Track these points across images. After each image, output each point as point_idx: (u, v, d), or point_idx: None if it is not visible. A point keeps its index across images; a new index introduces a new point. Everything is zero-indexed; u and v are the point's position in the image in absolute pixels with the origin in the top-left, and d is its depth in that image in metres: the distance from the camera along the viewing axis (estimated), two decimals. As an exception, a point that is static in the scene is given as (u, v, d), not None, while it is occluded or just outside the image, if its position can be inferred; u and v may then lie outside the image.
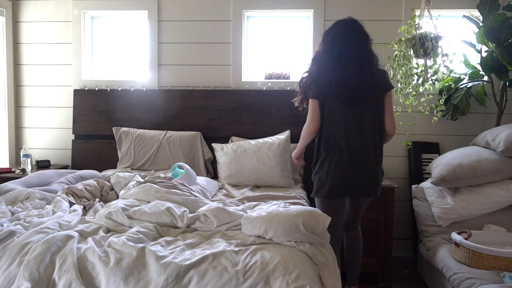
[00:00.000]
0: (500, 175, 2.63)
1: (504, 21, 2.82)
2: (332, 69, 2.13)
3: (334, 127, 2.16)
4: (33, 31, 3.61)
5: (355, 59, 2.12)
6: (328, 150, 2.17)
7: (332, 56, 2.14)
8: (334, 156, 2.15)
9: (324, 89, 2.14)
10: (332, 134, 2.16)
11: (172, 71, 3.52)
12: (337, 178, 2.15)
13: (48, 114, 3.64)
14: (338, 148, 2.15)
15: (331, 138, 2.16)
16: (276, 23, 3.53)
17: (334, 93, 2.12)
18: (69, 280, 1.56)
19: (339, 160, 2.14)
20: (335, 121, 2.16)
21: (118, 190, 2.58)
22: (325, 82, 2.13)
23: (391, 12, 3.34)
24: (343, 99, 2.12)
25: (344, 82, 2.10)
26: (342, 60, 2.12)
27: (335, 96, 2.13)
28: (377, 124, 2.19)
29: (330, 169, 2.16)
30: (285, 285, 1.49)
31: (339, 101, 2.13)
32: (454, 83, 3.15)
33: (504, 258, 2.12)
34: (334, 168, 2.15)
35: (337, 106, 2.15)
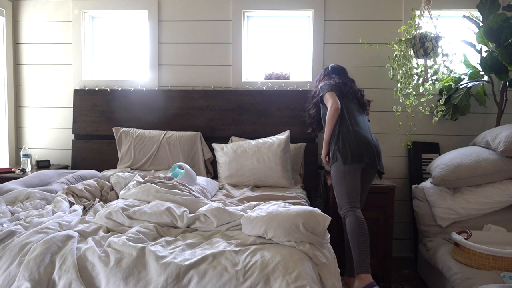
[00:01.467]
0: (500, 175, 2.63)
1: (504, 21, 2.82)
2: (338, 80, 2.78)
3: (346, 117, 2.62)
4: (33, 31, 3.61)
5: (346, 83, 2.79)
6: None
7: (332, 80, 2.80)
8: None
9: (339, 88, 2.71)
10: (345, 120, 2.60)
11: (172, 71, 3.52)
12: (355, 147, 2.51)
13: (48, 114, 3.64)
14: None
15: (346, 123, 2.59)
16: (276, 23, 3.53)
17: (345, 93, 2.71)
18: (69, 280, 1.56)
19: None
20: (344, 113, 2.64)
21: (118, 190, 2.58)
22: (337, 84, 2.73)
23: (391, 12, 3.34)
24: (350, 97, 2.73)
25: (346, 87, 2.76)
26: (340, 80, 2.79)
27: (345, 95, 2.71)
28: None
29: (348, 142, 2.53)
30: (285, 285, 1.49)
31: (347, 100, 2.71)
32: (454, 83, 3.15)
33: (504, 258, 2.12)
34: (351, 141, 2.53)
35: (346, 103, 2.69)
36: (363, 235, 2.32)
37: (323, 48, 3.38)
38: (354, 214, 2.38)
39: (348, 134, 2.50)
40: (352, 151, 2.45)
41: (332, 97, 2.62)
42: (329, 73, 2.92)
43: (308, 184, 3.27)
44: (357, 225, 2.33)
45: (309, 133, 3.25)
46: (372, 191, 2.81)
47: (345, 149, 2.47)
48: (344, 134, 2.52)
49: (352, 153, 2.45)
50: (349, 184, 2.44)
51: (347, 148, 2.46)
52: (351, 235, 2.34)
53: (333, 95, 2.63)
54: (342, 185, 2.46)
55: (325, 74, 2.93)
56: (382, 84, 3.33)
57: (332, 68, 2.93)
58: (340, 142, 2.51)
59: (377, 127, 3.36)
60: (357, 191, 2.45)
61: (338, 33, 3.38)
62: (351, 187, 2.44)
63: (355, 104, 2.70)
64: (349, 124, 2.55)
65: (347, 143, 2.48)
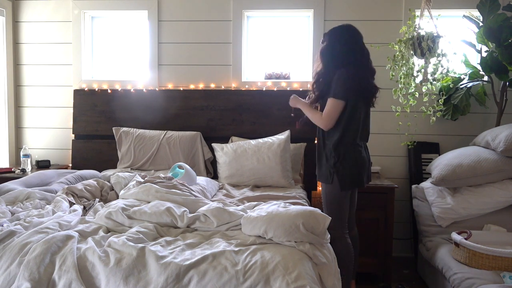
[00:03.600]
0: (500, 175, 2.63)
1: (504, 21, 2.82)
2: (364, 72, 2.26)
3: (355, 126, 2.25)
4: (33, 31, 3.61)
5: (368, 66, 2.31)
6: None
7: (359, 58, 2.25)
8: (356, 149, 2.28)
9: (362, 90, 2.24)
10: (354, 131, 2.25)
11: (172, 71, 3.52)
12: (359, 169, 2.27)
13: (48, 114, 3.64)
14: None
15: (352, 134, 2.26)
16: (276, 23, 3.53)
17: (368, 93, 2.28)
18: (69, 280, 1.55)
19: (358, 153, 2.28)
20: (357, 120, 2.25)
21: (118, 190, 2.58)
22: (362, 84, 2.24)
23: (391, 12, 3.34)
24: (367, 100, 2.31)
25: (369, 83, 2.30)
26: (364, 63, 2.28)
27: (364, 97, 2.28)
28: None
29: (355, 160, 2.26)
30: (285, 285, 1.48)
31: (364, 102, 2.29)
32: (454, 83, 3.15)
33: (504, 258, 2.12)
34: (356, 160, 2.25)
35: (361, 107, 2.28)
36: (350, 261, 2.29)
37: (323, 48, 3.38)
38: (346, 240, 2.28)
39: (353, 155, 2.20)
40: (353, 177, 2.20)
41: (336, 111, 2.19)
42: (353, 45, 2.24)
43: (308, 184, 3.26)
44: (348, 252, 2.26)
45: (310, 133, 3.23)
46: (372, 191, 2.81)
47: (345, 173, 2.19)
48: (348, 154, 2.19)
49: (353, 179, 2.21)
50: (343, 209, 2.26)
51: (347, 173, 2.19)
52: (346, 261, 2.26)
53: (339, 108, 2.18)
54: (336, 210, 2.25)
55: (349, 47, 2.23)
56: (382, 84, 3.31)
57: (354, 37, 2.26)
58: (340, 164, 2.19)
59: (377, 127, 3.35)
60: (347, 213, 2.32)
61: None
62: (344, 212, 2.27)
63: (368, 105, 2.31)
64: (358, 141, 2.22)
65: (349, 166, 2.19)
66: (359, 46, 2.26)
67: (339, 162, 2.20)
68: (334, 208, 2.26)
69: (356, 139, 2.22)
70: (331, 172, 2.23)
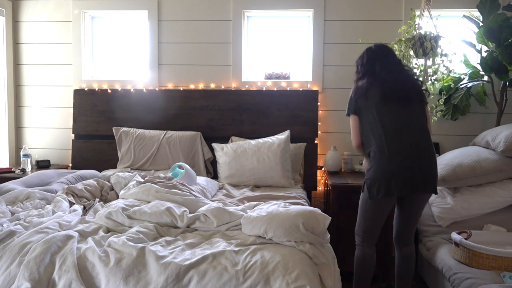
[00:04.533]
0: (500, 175, 2.62)
1: (504, 21, 2.82)
2: (378, 78, 2.19)
3: (370, 134, 2.19)
4: (33, 31, 3.61)
5: (393, 70, 2.21)
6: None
7: (373, 71, 2.22)
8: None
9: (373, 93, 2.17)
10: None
11: (172, 71, 3.52)
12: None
13: (48, 114, 3.64)
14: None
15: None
16: (276, 23, 3.53)
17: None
18: (69, 280, 1.56)
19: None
20: (369, 128, 2.19)
21: (118, 190, 2.58)
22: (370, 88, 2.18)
23: (391, 12, 3.34)
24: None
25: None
26: (383, 71, 2.19)
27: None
28: (424, 122, 2.19)
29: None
30: (285, 285, 1.49)
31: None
32: (454, 83, 3.15)
33: (504, 258, 2.12)
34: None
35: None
36: (361, 272, 2.24)
37: (323, 48, 3.38)
38: (363, 249, 2.24)
39: (379, 160, 2.08)
40: (379, 184, 2.07)
41: (352, 125, 2.22)
42: (369, 61, 2.25)
43: (308, 184, 3.26)
44: (362, 262, 2.22)
45: (310, 133, 3.26)
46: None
47: (372, 180, 2.10)
48: (375, 160, 2.11)
49: (379, 187, 2.06)
50: (369, 220, 2.18)
51: (374, 180, 2.09)
52: (355, 269, 2.27)
53: (354, 121, 2.21)
54: (362, 219, 2.21)
55: (365, 63, 2.26)
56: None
57: (373, 53, 2.25)
58: (370, 171, 2.13)
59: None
60: (377, 227, 2.20)
61: (338, 33, 3.38)
62: (370, 224, 2.18)
63: (402, 103, 2.13)
64: (383, 145, 2.08)
65: (375, 172, 2.09)
66: (375, 58, 2.24)
67: (368, 172, 2.16)
68: (359, 215, 2.23)
69: (380, 150, 2.09)
70: (364, 181, 2.18)
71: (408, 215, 2.23)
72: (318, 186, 3.38)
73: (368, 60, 2.24)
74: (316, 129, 3.32)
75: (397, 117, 2.11)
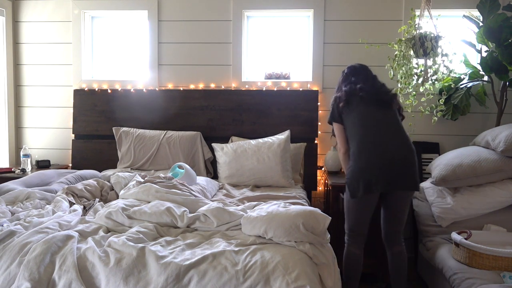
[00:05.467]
0: (500, 175, 2.62)
1: (504, 21, 2.82)
2: (355, 86, 2.37)
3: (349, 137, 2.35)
4: (33, 31, 3.61)
5: (367, 80, 2.40)
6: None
7: (350, 82, 2.42)
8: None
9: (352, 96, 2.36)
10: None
11: (172, 71, 3.52)
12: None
13: (48, 114, 3.64)
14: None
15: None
16: (276, 23, 3.53)
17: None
18: (69, 280, 1.56)
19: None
20: (348, 131, 2.36)
21: (118, 190, 2.58)
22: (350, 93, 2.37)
23: (391, 12, 3.34)
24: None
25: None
26: (359, 81, 2.39)
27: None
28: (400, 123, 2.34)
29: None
30: (285, 285, 1.49)
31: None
32: (454, 83, 3.15)
33: (504, 258, 2.12)
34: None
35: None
36: (348, 269, 2.30)
37: (323, 48, 3.38)
38: (349, 248, 2.31)
39: (358, 159, 2.19)
40: (358, 182, 2.15)
41: (337, 133, 2.37)
42: (346, 76, 2.48)
43: (308, 184, 3.26)
44: (347, 262, 2.30)
45: (310, 133, 3.27)
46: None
47: (351, 179, 2.20)
48: (354, 159, 2.21)
49: (359, 185, 2.15)
50: (353, 219, 2.27)
51: (353, 178, 2.18)
52: (343, 268, 2.31)
53: (337, 129, 2.36)
54: (347, 218, 2.31)
55: (343, 79, 2.50)
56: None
57: (349, 69, 2.50)
58: (349, 171, 2.23)
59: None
60: (362, 225, 2.27)
61: (338, 33, 3.38)
62: (355, 222, 2.26)
63: (378, 106, 2.28)
64: (362, 145, 2.20)
65: (353, 170, 2.19)
66: (351, 74, 2.45)
67: (347, 172, 2.27)
68: (345, 214, 2.33)
69: (358, 149, 2.21)
70: (345, 182, 2.27)
71: (392, 215, 2.30)
72: (318, 186, 3.38)
73: (346, 76, 2.47)
74: (316, 129, 3.32)
75: (375, 118, 2.25)
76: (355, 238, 2.30)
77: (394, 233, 2.33)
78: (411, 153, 2.21)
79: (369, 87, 2.33)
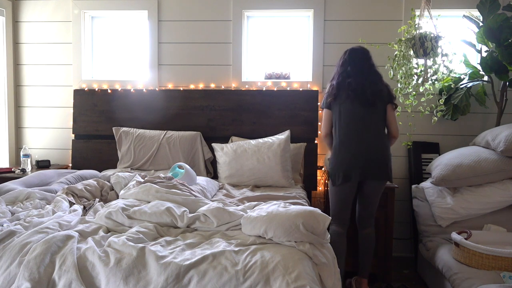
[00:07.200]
0: (500, 175, 2.63)
1: (504, 21, 2.82)
2: (346, 80, 2.51)
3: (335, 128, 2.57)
4: (33, 31, 3.61)
5: (362, 72, 2.51)
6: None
7: (345, 72, 2.54)
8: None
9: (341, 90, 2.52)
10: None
11: (172, 71, 3.52)
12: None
13: (48, 114, 3.64)
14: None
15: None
16: (276, 23, 3.53)
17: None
18: (69, 280, 1.55)
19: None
20: (335, 122, 2.57)
21: (118, 190, 2.58)
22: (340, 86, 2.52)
23: (391, 12, 3.34)
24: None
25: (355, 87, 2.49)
26: (352, 74, 2.50)
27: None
28: (383, 124, 2.53)
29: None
30: (285, 285, 1.48)
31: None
32: (454, 83, 3.15)
33: (504, 258, 2.12)
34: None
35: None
36: (336, 246, 2.41)
37: (323, 48, 3.38)
38: (334, 227, 2.55)
39: (339, 151, 2.47)
40: (338, 172, 2.45)
41: (324, 118, 2.58)
42: (345, 62, 2.55)
43: (308, 184, 3.26)
44: (334, 237, 2.46)
45: (310, 133, 3.28)
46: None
47: (332, 169, 2.49)
48: (334, 151, 2.50)
49: (338, 174, 2.44)
50: (335, 204, 2.54)
51: (334, 168, 2.48)
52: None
53: (325, 114, 2.57)
54: (331, 203, 2.58)
55: (342, 63, 2.57)
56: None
57: (350, 55, 2.55)
58: (332, 162, 2.51)
59: (377, 127, 3.35)
60: (343, 210, 2.52)
61: (338, 33, 3.38)
62: (337, 208, 2.53)
63: (362, 105, 2.44)
64: (342, 139, 2.46)
65: (335, 162, 2.48)
66: (349, 64, 2.53)
67: (330, 162, 2.54)
68: (330, 201, 2.59)
69: (339, 143, 2.48)
70: (328, 171, 2.57)
71: (366, 200, 2.54)
72: (318, 186, 3.38)
73: (344, 62, 2.55)
74: (316, 129, 3.32)
75: (358, 116, 2.44)
76: (339, 220, 2.55)
77: (366, 216, 2.57)
78: (384, 150, 2.45)
79: (358, 83, 2.45)
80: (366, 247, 2.57)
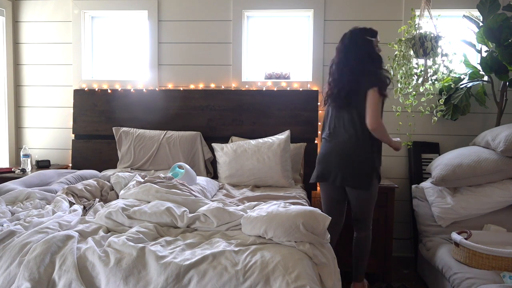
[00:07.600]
0: (500, 175, 2.63)
1: (504, 21, 2.82)
2: (332, 78, 2.49)
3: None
4: (33, 31, 3.61)
5: (342, 69, 2.40)
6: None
7: (330, 71, 2.53)
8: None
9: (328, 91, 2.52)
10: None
11: (172, 71, 3.52)
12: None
13: (48, 114, 3.64)
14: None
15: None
16: (276, 23, 3.53)
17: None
18: (69, 280, 1.55)
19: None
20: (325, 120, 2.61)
21: (118, 190, 2.58)
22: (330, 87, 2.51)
23: (391, 12, 3.34)
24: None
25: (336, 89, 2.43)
26: (334, 73, 2.46)
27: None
28: (361, 122, 2.35)
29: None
30: (285, 285, 1.48)
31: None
32: (454, 83, 3.15)
33: (504, 258, 2.12)
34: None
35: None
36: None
37: (323, 48, 3.38)
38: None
39: (321, 150, 2.50)
40: (317, 170, 2.48)
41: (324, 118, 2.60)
42: (335, 53, 2.48)
43: (308, 184, 3.26)
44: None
45: (310, 133, 3.28)
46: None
47: (316, 167, 2.53)
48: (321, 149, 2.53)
49: (317, 172, 2.48)
50: (323, 205, 2.57)
51: (316, 167, 2.51)
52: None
53: (324, 116, 2.59)
54: (322, 204, 2.60)
55: (335, 55, 2.49)
56: (382, 84, 3.32)
57: (339, 46, 2.46)
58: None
59: (377, 127, 3.35)
60: (332, 214, 2.30)
61: (338, 33, 3.34)
62: (324, 209, 2.54)
63: (339, 106, 2.41)
64: (323, 141, 2.53)
65: (317, 160, 2.51)
66: (338, 52, 2.47)
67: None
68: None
69: (321, 143, 2.54)
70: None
71: (352, 207, 2.49)
72: (318, 186, 3.38)
73: (335, 53, 2.48)
74: (316, 129, 3.32)
75: (332, 119, 2.45)
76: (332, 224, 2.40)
77: (358, 221, 2.51)
78: (356, 155, 2.34)
79: (336, 85, 2.40)
80: (356, 251, 2.53)
